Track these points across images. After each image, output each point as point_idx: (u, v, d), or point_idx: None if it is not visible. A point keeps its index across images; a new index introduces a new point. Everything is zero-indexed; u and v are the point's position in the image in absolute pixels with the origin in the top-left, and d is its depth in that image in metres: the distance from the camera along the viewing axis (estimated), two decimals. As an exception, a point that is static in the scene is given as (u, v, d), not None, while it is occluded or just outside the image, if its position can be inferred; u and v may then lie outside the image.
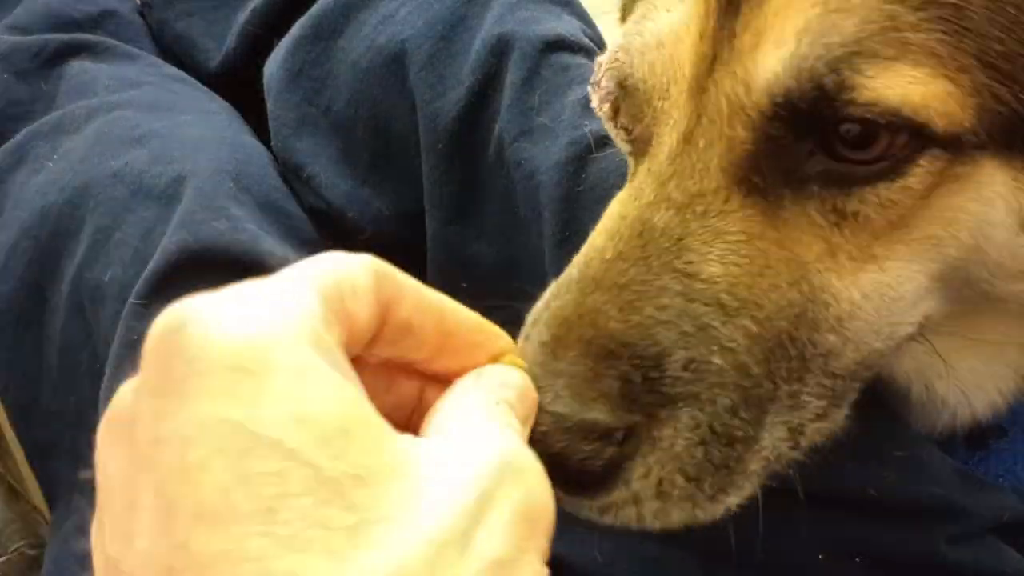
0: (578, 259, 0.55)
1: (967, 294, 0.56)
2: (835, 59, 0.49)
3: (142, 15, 1.19)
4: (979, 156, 0.51)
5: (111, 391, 0.79)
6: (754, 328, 0.52)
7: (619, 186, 0.57)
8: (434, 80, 0.88)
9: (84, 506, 0.88)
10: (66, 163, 0.93)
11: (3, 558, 0.94)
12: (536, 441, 0.46)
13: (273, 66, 1.00)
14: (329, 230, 0.95)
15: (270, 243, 0.85)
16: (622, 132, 0.58)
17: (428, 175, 0.88)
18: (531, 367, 0.49)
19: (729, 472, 0.52)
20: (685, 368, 0.51)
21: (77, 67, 1.06)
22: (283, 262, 0.82)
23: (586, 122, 0.78)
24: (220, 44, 1.11)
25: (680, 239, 0.52)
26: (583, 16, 0.93)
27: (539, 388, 0.49)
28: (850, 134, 0.50)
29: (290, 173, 0.96)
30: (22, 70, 1.06)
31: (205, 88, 1.08)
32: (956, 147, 0.50)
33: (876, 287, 0.53)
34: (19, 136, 1.00)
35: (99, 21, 1.14)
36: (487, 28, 0.87)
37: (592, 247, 0.54)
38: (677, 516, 0.52)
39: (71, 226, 0.89)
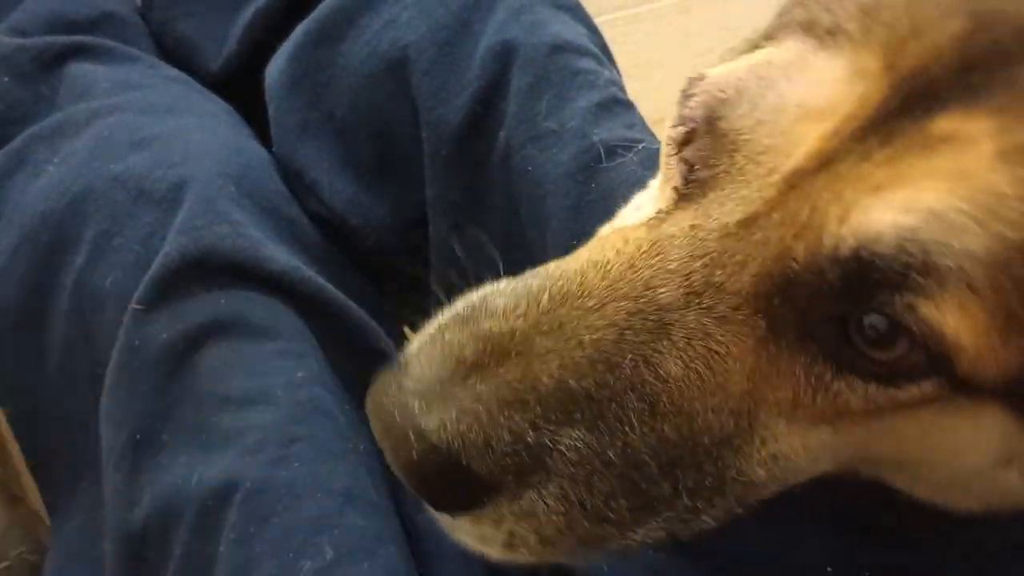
0: (548, 277, 0.50)
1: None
2: (937, 262, 0.43)
3: (143, 17, 1.18)
4: (994, 402, 0.47)
5: (110, 398, 0.80)
6: (673, 436, 0.48)
7: (627, 198, 0.56)
8: (437, 86, 0.87)
9: (85, 511, 0.88)
10: (67, 167, 0.92)
11: (3, 564, 0.94)
12: (404, 447, 0.45)
13: (274, 71, 0.99)
14: (332, 236, 0.95)
15: (272, 248, 0.84)
16: (682, 164, 0.52)
17: (430, 182, 0.87)
18: (426, 375, 0.47)
19: (589, 544, 0.49)
20: (575, 449, 0.47)
21: (77, 69, 1.06)
22: (284, 268, 0.83)
23: (595, 130, 0.78)
24: (221, 46, 1.10)
25: (668, 325, 0.48)
26: (588, 22, 0.92)
27: (426, 404, 0.46)
28: (879, 327, 0.45)
29: (292, 178, 0.96)
30: (22, 72, 1.05)
31: (206, 90, 1.08)
32: (964, 387, 0.46)
33: (821, 446, 0.50)
34: (19, 139, 0.99)
35: (99, 23, 1.13)
36: (491, 34, 0.86)
37: (572, 271, 0.50)
38: (524, 559, 0.50)
39: (72, 231, 0.88)
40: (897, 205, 0.44)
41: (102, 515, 0.83)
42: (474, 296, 0.52)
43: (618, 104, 0.82)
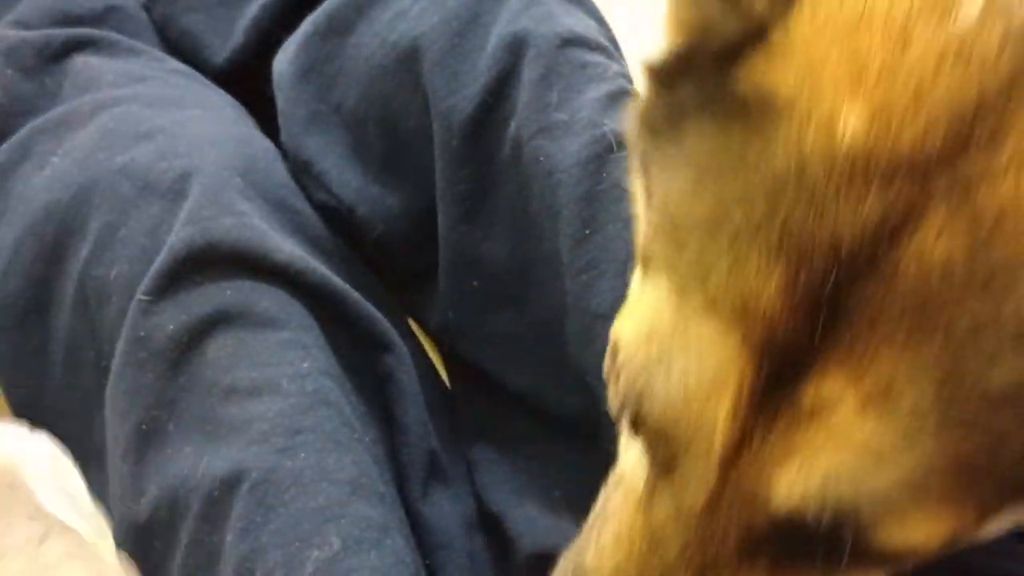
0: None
1: None
2: (856, 509, 0.45)
3: (147, 10, 1.18)
4: None
5: (116, 389, 0.80)
6: None
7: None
8: (448, 77, 0.87)
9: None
10: (71, 159, 0.93)
11: (7, 556, 0.94)
12: None
13: (284, 62, 0.99)
14: (339, 227, 0.95)
15: (277, 240, 0.85)
16: (643, 445, 0.54)
17: (441, 173, 0.88)
18: None
19: None
20: None
21: (81, 62, 1.06)
22: (290, 259, 0.83)
23: (606, 121, 0.78)
24: (226, 40, 1.10)
25: None
26: (597, 15, 0.92)
27: None
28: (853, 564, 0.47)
29: (300, 169, 0.96)
30: (26, 66, 1.05)
31: (211, 83, 1.08)
32: None
33: None
34: (23, 132, 0.99)
35: (103, 16, 1.13)
36: (502, 25, 0.87)
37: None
38: None
39: (76, 223, 0.88)
40: (801, 484, 0.45)
41: (106, 506, 0.83)
42: None
43: (627, 95, 0.82)
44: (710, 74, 0.47)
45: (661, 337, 0.49)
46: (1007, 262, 0.41)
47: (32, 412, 0.91)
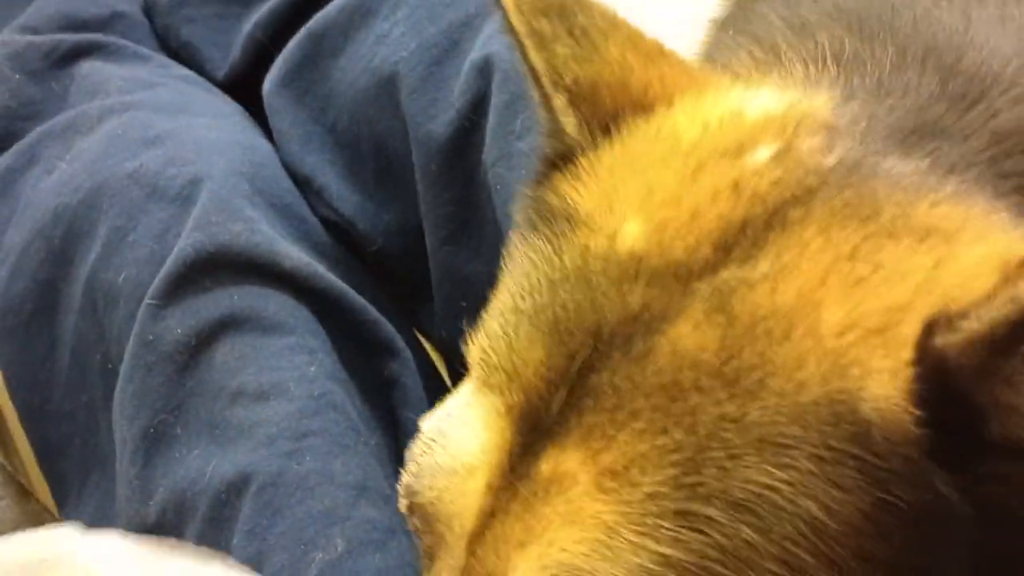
0: None
1: None
2: None
3: (149, 19, 1.19)
4: None
5: (124, 392, 0.81)
6: None
7: None
8: (426, 103, 0.88)
9: (94, 505, 0.89)
10: (80, 163, 0.93)
11: (14, 558, 0.94)
12: None
13: (274, 83, 1.00)
14: (341, 239, 0.96)
15: (285, 246, 0.85)
16: (415, 533, 0.53)
17: (423, 196, 0.88)
18: None
19: None
20: None
21: (88, 67, 1.07)
22: (297, 264, 0.84)
23: None
24: (225, 53, 1.11)
25: None
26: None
27: None
28: None
29: (301, 184, 0.97)
30: (33, 70, 1.06)
31: (217, 90, 1.09)
32: None
33: None
34: (31, 136, 1.00)
35: (109, 22, 1.14)
36: (476, 49, 0.87)
37: None
38: None
39: (85, 227, 0.89)
40: (534, 564, 0.44)
41: (112, 510, 0.84)
42: None
43: None
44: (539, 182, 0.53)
45: (448, 415, 0.50)
46: (756, 366, 0.42)
47: (39, 414, 0.92)
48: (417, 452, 0.50)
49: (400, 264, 0.96)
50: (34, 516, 0.96)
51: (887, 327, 0.42)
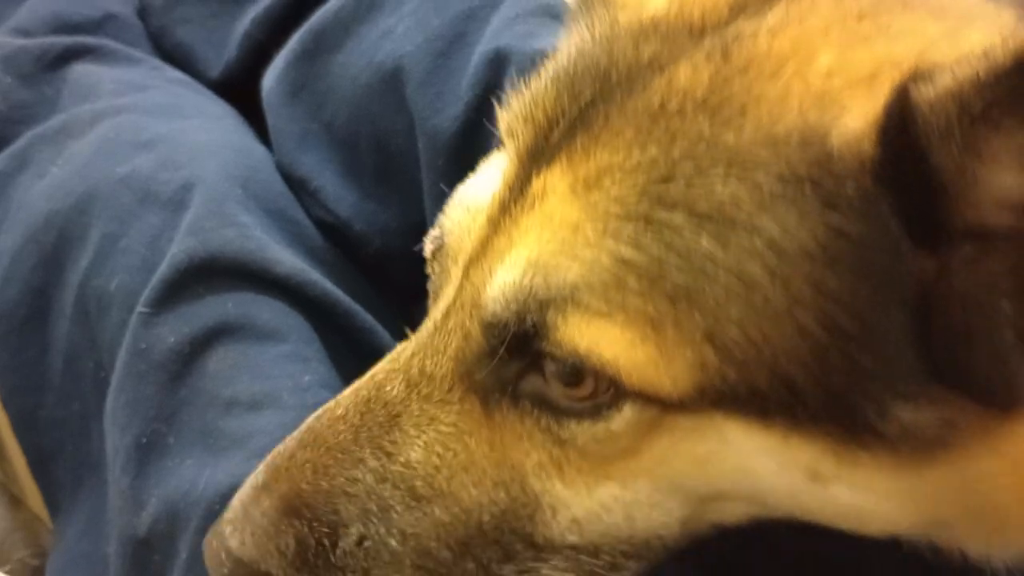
0: (320, 409, 0.57)
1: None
2: (547, 300, 0.47)
3: (142, 20, 1.18)
4: (713, 413, 0.48)
5: (117, 401, 0.80)
6: (446, 518, 0.52)
7: None
8: (432, 97, 0.87)
9: (87, 514, 0.88)
10: (71, 168, 0.92)
11: (6, 567, 0.94)
12: (219, 567, 0.52)
13: (272, 80, 0.99)
14: (337, 241, 0.95)
15: (278, 251, 0.85)
16: (431, 281, 0.59)
17: (429, 192, 0.88)
18: (235, 504, 0.54)
19: None
20: (358, 544, 0.52)
21: (80, 70, 1.06)
22: (291, 271, 0.83)
23: None
24: (220, 53, 1.10)
25: (396, 416, 0.53)
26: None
27: (233, 528, 0.53)
28: (558, 370, 0.49)
29: (296, 186, 0.96)
30: (25, 73, 1.05)
31: (210, 92, 1.08)
32: (663, 407, 0.48)
33: (618, 503, 0.51)
34: (22, 140, 0.99)
35: (101, 24, 1.13)
36: (485, 43, 0.86)
37: (334, 400, 0.56)
38: None
39: (77, 232, 0.88)
40: (508, 266, 0.49)
41: (105, 518, 0.83)
42: None
43: None
44: None
45: (475, 174, 0.56)
46: (739, 98, 0.47)
47: (31, 421, 0.91)
48: (445, 210, 0.56)
49: (398, 265, 0.96)
50: (26, 524, 0.95)
51: (874, 76, 0.46)
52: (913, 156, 0.43)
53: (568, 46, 0.55)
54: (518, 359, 0.50)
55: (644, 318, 0.46)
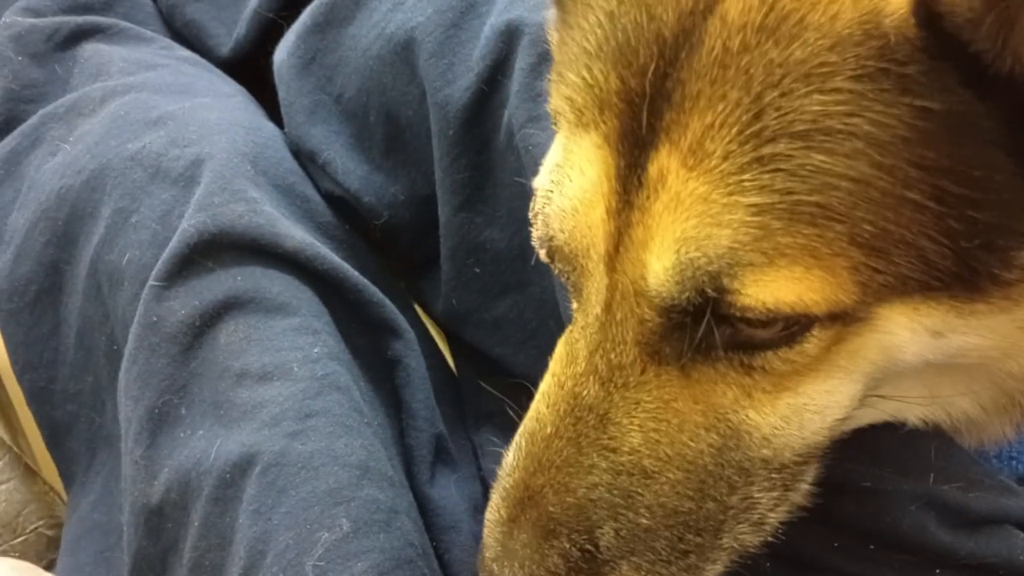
0: (524, 430, 0.60)
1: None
2: (713, 271, 0.51)
3: (153, 0, 1.19)
4: (874, 307, 0.53)
5: (129, 373, 0.81)
6: (679, 475, 0.57)
7: None
8: (444, 68, 0.88)
9: (100, 484, 0.89)
10: (83, 145, 0.93)
11: (21, 538, 0.95)
12: None
13: (283, 53, 1.00)
14: (346, 214, 0.96)
15: (287, 225, 0.85)
16: (561, 276, 0.61)
17: (439, 162, 0.88)
18: (492, 544, 0.58)
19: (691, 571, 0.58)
20: (616, 536, 0.57)
21: (91, 49, 1.07)
22: (300, 245, 0.84)
23: None
24: (230, 30, 1.11)
25: (605, 414, 0.57)
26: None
27: (501, 565, 0.57)
28: (748, 321, 0.53)
29: (305, 159, 0.97)
30: (36, 52, 1.06)
31: (219, 71, 1.09)
32: (844, 318, 0.53)
33: (794, 410, 0.57)
34: (34, 118, 1.00)
35: (111, 4, 1.14)
36: (497, 14, 0.87)
37: (534, 418, 0.60)
38: None
39: (89, 208, 0.89)
40: (659, 253, 0.52)
41: (118, 488, 0.84)
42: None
43: None
44: None
45: (558, 166, 0.57)
46: (794, 8, 0.50)
47: (45, 395, 0.92)
48: (539, 206, 0.58)
49: (406, 237, 0.97)
50: (40, 496, 0.96)
51: None
52: (949, 34, 0.47)
53: (587, 17, 0.57)
54: (702, 323, 0.53)
55: (800, 250, 0.50)
